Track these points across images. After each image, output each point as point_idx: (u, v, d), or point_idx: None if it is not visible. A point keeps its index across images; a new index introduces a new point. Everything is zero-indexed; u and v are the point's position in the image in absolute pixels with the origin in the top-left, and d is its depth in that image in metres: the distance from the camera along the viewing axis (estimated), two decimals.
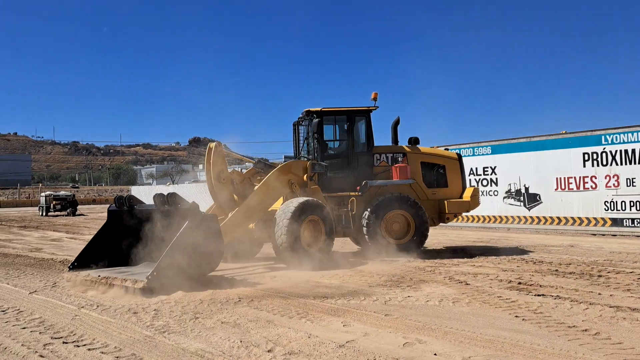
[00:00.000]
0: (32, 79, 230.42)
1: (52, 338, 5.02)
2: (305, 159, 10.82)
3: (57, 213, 32.91)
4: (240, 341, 4.76)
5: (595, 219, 13.61)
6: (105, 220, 8.87)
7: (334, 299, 6.46)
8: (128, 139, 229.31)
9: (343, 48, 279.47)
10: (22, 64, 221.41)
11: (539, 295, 6.45)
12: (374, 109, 10.49)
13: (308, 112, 10.32)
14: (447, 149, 13.50)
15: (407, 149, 10.89)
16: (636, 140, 12.86)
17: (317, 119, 9.99)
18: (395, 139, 11.05)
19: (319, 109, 10.24)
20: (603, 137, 13.39)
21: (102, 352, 4.55)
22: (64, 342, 4.88)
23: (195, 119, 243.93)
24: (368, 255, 9.97)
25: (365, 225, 9.85)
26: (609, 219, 13.32)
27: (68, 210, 32.83)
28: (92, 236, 16.96)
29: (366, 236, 9.86)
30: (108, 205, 9.90)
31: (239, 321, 5.50)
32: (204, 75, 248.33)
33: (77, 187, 67.29)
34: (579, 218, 13.97)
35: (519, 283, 7.24)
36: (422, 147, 11.33)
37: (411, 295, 6.55)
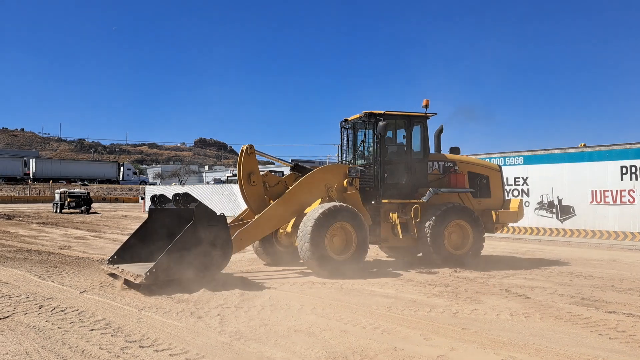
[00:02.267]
0: (40, 75, 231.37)
1: (126, 342, 4.87)
2: (347, 163, 10.66)
3: (71, 210, 32.79)
4: (326, 351, 4.60)
5: (632, 233, 13.40)
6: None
7: (399, 309, 6.29)
8: (134, 138, 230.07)
9: (355, 53, 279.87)
10: (30, 61, 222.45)
11: (610, 312, 6.26)
12: (431, 116, 10.35)
13: (370, 114, 10.02)
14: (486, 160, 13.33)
15: (457, 158, 10.76)
16: None
17: (383, 122, 9.68)
18: (438, 148, 10.91)
19: (382, 111, 9.99)
20: None
21: (187, 359, 4.40)
22: (140, 346, 4.74)
23: (201, 120, 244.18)
24: (432, 263, 9.82)
25: (429, 233, 9.66)
26: None
27: (82, 207, 32.73)
28: (114, 235, 17.08)
29: (430, 245, 9.68)
30: (120, 204, 10.08)
31: (312, 330, 5.34)
32: (212, 76, 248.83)
33: (87, 185, 67.16)
34: (615, 232, 13.76)
35: (582, 298, 7.06)
36: (467, 157, 11.20)
37: (477, 309, 6.38)
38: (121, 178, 79.42)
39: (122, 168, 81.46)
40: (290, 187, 9.56)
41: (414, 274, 9.15)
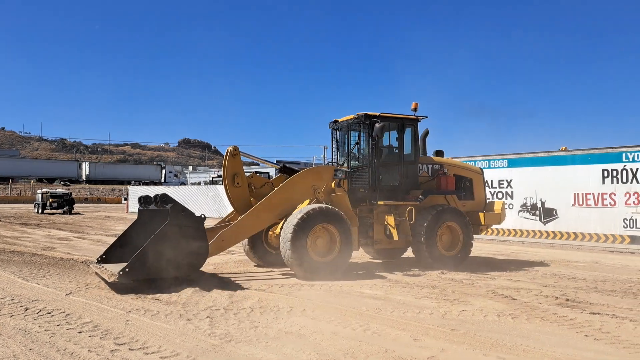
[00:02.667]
0: (21, 73, 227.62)
1: (115, 344, 4.84)
2: (335, 164, 10.66)
3: (53, 211, 32.27)
4: (317, 353, 4.62)
5: (613, 236, 13.64)
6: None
7: (389, 311, 6.33)
8: (116, 138, 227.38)
9: (341, 54, 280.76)
10: (12, 58, 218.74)
11: (594, 313, 6.37)
12: (422, 119, 10.42)
13: (366, 116, 10.00)
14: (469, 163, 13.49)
15: (443, 160, 10.87)
16: None
17: (381, 124, 9.65)
18: (424, 151, 10.99)
19: (378, 113, 9.99)
20: (624, 154, 13.45)
21: None
22: (130, 349, 4.71)
23: (185, 120, 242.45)
24: (423, 265, 9.93)
25: (424, 234, 9.74)
26: (628, 236, 13.37)
27: (65, 208, 32.25)
28: (98, 236, 16.89)
29: (424, 245, 9.76)
30: (103, 204, 10.22)
31: (302, 332, 5.36)
32: (196, 76, 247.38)
33: (69, 185, 66.23)
34: (596, 234, 14.00)
35: (567, 300, 7.17)
36: (452, 160, 11.33)
37: (465, 310, 6.45)
38: (163, 180, 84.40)
39: (164, 171, 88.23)
40: (276, 189, 9.54)
41: (401, 275, 9.20)
